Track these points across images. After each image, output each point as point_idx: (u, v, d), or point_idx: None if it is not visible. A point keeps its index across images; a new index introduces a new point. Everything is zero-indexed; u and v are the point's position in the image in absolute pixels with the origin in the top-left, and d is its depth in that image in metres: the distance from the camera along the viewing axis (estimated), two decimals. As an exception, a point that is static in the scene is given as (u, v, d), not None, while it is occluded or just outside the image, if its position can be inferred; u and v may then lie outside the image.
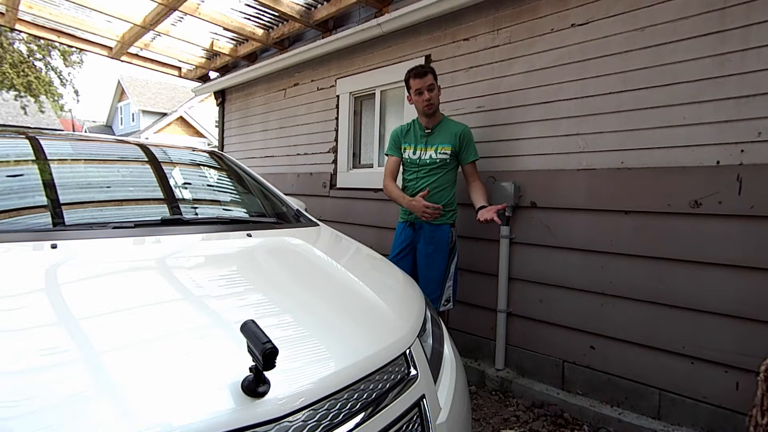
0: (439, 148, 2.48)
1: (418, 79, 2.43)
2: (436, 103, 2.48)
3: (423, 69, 2.45)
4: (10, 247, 1.21)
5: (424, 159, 2.51)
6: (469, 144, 2.49)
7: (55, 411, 0.68)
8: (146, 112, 23.13)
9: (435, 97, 2.46)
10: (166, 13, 3.83)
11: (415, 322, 1.28)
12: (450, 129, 2.50)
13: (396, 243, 2.62)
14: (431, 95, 2.44)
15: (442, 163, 2.48)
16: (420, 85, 2.43)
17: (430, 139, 2.51)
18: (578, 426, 2.24)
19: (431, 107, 2.46)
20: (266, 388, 0.78)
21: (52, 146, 1.83)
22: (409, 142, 2.57)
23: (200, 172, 2.29)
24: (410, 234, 2.55)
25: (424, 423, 1.06)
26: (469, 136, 2.50)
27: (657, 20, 2.10)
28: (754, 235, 1.86)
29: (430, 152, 2.49)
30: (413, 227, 2.54)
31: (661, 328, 2.11)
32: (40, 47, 13.09)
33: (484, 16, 2.81)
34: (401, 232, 2.61)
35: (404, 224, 2.60)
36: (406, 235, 2.57)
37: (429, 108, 2.45)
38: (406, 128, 2.62)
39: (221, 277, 1.32)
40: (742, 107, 1.88)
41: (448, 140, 2.47)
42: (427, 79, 2.43)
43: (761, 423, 1.33)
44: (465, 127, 2.51)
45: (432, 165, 2.49)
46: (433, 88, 2.44)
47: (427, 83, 2.42)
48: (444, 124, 2.53)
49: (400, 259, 2.58)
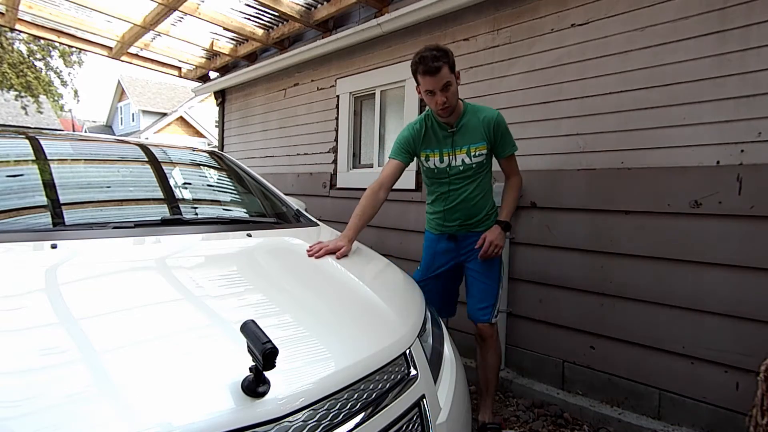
0: (473, 150, 1.94)
1: (428, 78, 1.79)
2: (453, 103, 1.87)
3: (435, 64, 1.76)
4: (10, 247, 1.21)
5: (455, 166, 1.97)
6: (505, 134, 1.98)
7: (55, 411, 0.68)
8: (146, 112, 23.13)
9: (453, 95, 1.85)
10: (166, 13, 3.83)
11: (415, 322, 1.28)
12: (479, 120, 1.95)
13: (431, 259, 2.13)
14: (447, 96, 1.82)
15: (478, 167, 1.97)
16: (432, 86, 1.81)
17: (457, 139, 1.96)
18: (578, 426, 2.24)
19: (447, 111, 1.88)
20: (266, 388, 0.78)
21: (52, 146, 1.83)
22: (431, 147, 1.99)
23: (200, 172, 2.29)
24: (452, 247, 2.07)
25: (424, 423, 1.06)
26: (503, 123, 1.97)
27: (657, 20, 2.10)
28: (754, 235, 1.86)
29: (462, 156, 1.96)
30: (455, 239, 2.06)
31: (661, 328, 2.11)
32: (40, 47, 13.09)
33: (484, 16, 2.81)
34: (436, 245, 2.12)
35: (440, 236, 2.10)
36: (446, 249, 2.08)
37: (444, 112, 1.88)
38: (421, 129, 2.00)
39: (221, 277, 1.32)
40: (742, 107, 1.88)
41: (481, 137, 1.94)
42: (442, 76, 1.78)
43: (761, 423, 1.33)
44: (496, 114, 1.96)
45: (467, 171, 1.97)
46: (449, 86, 1.82)
47: (442, 82, 1.79)
48: (470, 115, 1.96)
49: (441, 278, 2.12)
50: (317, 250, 1.60)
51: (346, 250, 1.67)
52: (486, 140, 1.95)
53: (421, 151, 2.02)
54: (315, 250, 1.60)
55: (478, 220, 2.02)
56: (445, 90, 1.82)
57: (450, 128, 1.96)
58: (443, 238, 2.09)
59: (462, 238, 2.06)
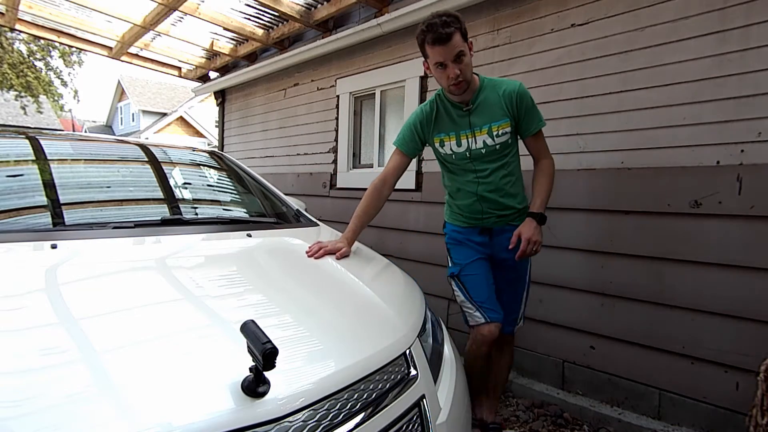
0: (495, 128, 1.69)
1: (438, 48, 1.55)
2: (468, 77, 1.62)
3: (445, 31, 1.52)
4: (10, 247, 1.21)
5: (476, 149, 1.73)
6: (530, 108, 1.72)
7: (55, 411, 0.68)
8: (146, 112, 23.13)
9: (467, 68, 1.60)
10: (166, 13, 3.83)
11: (415, 322, 1.28)
12: (498, 95, 1.70)
13: (467, 248, 1.84)
14: (460, 68, 1.58)
15: (503, 148, 1.72)
16: (443, 57, 1.56)
17: (474, 118, 1.71)
18: (578, 426, 2.24)
19: (461, 86, 1.62)
20: (266, 388, 0.78)
21: (52, 146, 1.83)
22: (445, 130, 1.76)
23: (200, 172, 2.29)
24: (486, 241, 1.82)
25: (424, 423, 1.06)
26: (527, 95, 1.72)
27: (657, 20, 2.10)
28: (754, 235, 1.86)
29: (483, 137, 1.70)
30: (489, 233, 1.81)
31: (661, 328, 2.11)
32: (40, 47, 13.09)
33: (484, 16, 2.81)
34: (468, 238, 1.84)
35: (471, 230, 1.83)
36: (480, 241, 1.82)
37: (458, 88, 1.63)
38: (432, 112, 1.77)
39: (221, 277, 1.32)
40: (742, 107, 1.88)
41: (503, 113, 1.69)
42: (454, 44, 1.54)
43: (761, 423, 1.33)
44: (518, 85, 1.72)
45: (492, 155, 1.72)
46: (462, 57, 1.57)
47: (454, 51, 1.55)
48: (488, 90, 1.71)
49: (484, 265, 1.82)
50: (316, 251, 1.56)
51: (345, 252, 1.62)
52: (509, 116, 1.69)
53: (434, 137, 1.78)
54: (314, 250, 1.57)
55: (514, 210, 1.78)
56: (458, 61, 1.57)
57: (465, 107, 1.71)
58: (475, 232, 1.83)
59: (497, 233, 1.80)
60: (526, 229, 1.69)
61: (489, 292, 1.78)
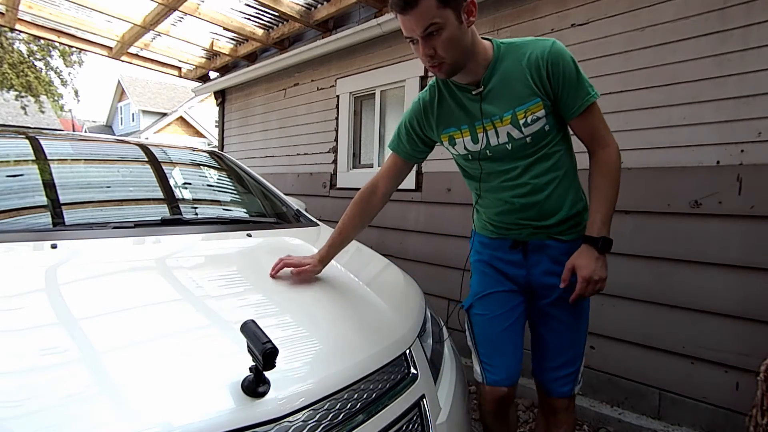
0: (520, 114, 1.19)
1: (402, 18, 1.09)
2: (453, 57, 1.13)
3: None
4: (10, 247, 1.21)
5: (499, 146, 1.24)
6: (571, 75, 1.16)
7: (55, 411, 0.68)
8: (146, 112, 23.14)
9: (449, 45, 1.10)
10: (166, 13, 3.83)
11: (415, 322, 1.28)
12: (521, 63, 1.18)
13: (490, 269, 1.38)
14: (435, 45, 1.10)
15: (538, 139, 1.22)
16: (408, 30, 1.11)
17: (488, 105, 1.22)
18: (578, 426, 2.24)
19: (440, 70, 1.15)
20: (266, 388, 0.78)
21: (52, 146, 1.83)
22: (455, 123, 1.28)
23: (200, 172, 2.29)
24: (519, 260, 1.32)
25: (424, 423, 1.06)
26: (562, 56, 1.16)
27: (657, 20, 2.10)
28: (754, 235, 1.85)
29: (506, 128, 1.21)
30: (524, 248, 1.31)
31: (661, 328, 2.11)
32: (40, 47, 13.09)
33: (484, 16, 2.81)
34: (496, 255, 1.37)
35: (501, 242, 1.35)
36: (511, 260, 1.33)
37: (438, 71, 1.16)
38: (432, 101, 1.31)
39: (221, 277, 1.32)
40: (742, 107, 1.88)
41: (529, 91, 1.18)
42: (422, 12, 1.06)
43: (761, 423, 1.33)
44: (550, 45, 1.17)
45: (522, 150, 1.23)
46: (440, 30, 1.08)
47: (424, 23, 1.07)
48: (506, 59, 1.20)
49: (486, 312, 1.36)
50: (277, 265, 1.29)
51: (309, 271, 1.31)
52: (540, 94, 1.17)
53: (441, 133, 1.31)
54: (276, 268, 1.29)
55: (560, 219, 1.27)
56: (431, 36, 1.08)
57: (476, 89, 1.22)
58: (505, 246, 1.34)
59: (535, 249, 1.30)
60: (583, 261, 1.18)
61: (499, 342, 1.34)
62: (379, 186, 1.42)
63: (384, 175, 1.42)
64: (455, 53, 1.13)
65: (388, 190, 1.42)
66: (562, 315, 1.30)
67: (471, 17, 1.13)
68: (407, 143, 1.38)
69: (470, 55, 1.16)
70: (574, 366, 1.34)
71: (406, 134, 1.38)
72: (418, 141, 1.37)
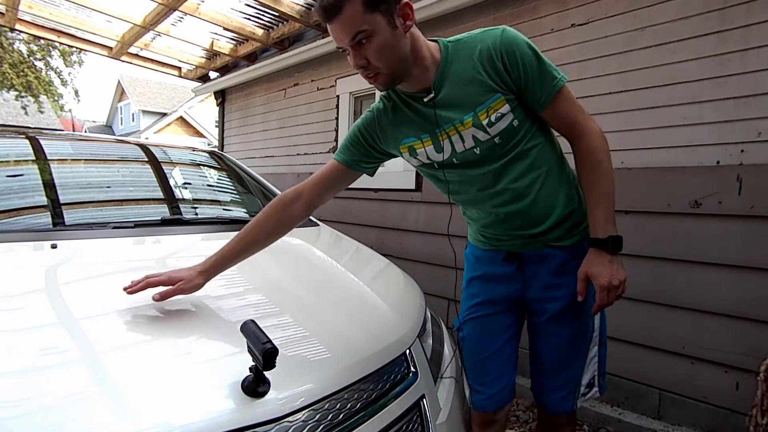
0: (482, 115, 1.06)
1: (329, 27, 0.99)
2: (390, 67, 1.01)
3: (333, 3, 0.94)
4: (10, 247, 1.21)
5: (465, 152, 1.11)
6: (530, 62, 1.04)
7: (55, 411, 0.68)
8: (146, 112, 23.14)
9: (381, 54, 0.99)
10: (166, 13, 3.83)
11: (415, 322, 1.28)
12: (473, 59, 1.06)
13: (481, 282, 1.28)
14: (366, 55, 0.99)
15: (509, 136, 1.09)
16: (336, 39, 1.01)
17: (444, 110, 1.09)
18: (578, 426, 2.24)
19: (377, 81, 1.04)
20: (266, 388, 0.78)
21: (52, 146, 1.83)
22: (411, 134, 1.15)
23: (200, 172, 2.29)
24: (512, 274, 1.21)
25: (424, 423, 1.06)
26: (516, 43, 1.04)
27: (657, 20, 2.10)
28: (754, 235, 1.85)
29: (470, 132, 1.08)
30: (518, 260, 1.20)
31: (661, 328, 2.11)
32: (40, 47, 13.10)
33: (484, 16, 2.81)
34: (487, 264, 1.26)
35: (494, 254, 1.24)
36: (505, 273, 1.22)
37: (374, 82, 1.04)
38: (384, 110, 1.18)
39: (221, 276, 1.31)
40: (742, 107, 1.88)
41: (484, 86, 1.05)
42: (347, 19, 0.95)
43: (761, 423, 1.33)
44: (499, 32, 1.05)
45: (490, 155, 1.10)
46: (369, 38, 0.96)
47: (351, 30, 0.96)
48: (455, 59, 1.08)
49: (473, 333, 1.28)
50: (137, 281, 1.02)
51: (185, 290, 1.04)
52: (500, 88, 1.05)
53: (400, 144, 1.17)
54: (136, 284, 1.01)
55: (554, 222, 1.14)
56: (361, 45, 0.97)
57: (427, 96, 1.09)
58: (498, 258, 1.23)
59: (531, 260, 1.19)
60: (597, 269, 1.05)
61: (487, 366, 1.27)
62: (304, 194, 1.20)
63: (314, 183, 1.21)
64: (391, 62, 1.01)
65: (314, 201, 1.21)
66: (563, 331, 1.17)
67: (408, 21, 1.01)
68: (358, 153, 1.22)
69: (411, 61, 1.04)
70: (573, 384, 1.22)
71: (356, 144, 1.22)
72: (372, 151, 1.22)
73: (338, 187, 1.26)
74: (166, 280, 1.03)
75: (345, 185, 1.27)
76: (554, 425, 1.29)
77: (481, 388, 1.27)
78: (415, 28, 1.04)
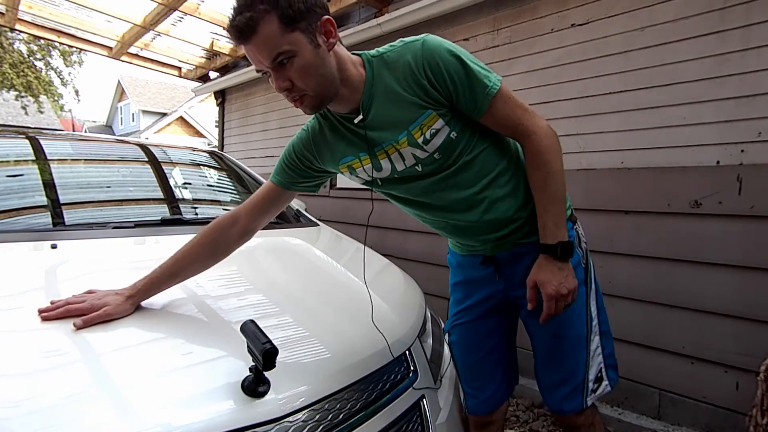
0: (416, 132, 1.01)
1: (245, 47, 0.93)
2: (313, 87, 0.96)
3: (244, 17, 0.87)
4: (10, 247, 1.21)
5: (406, 170, 1.07)
6: (457, 72, 0.97)
7: (55, 411, 0.68)
8: (146, 112, 23.14)
9: (305, 74, 0.93)
10: (166, 13, 3.83)
11: (415, 322, 1.28)
12: (397, 75, 1.00)
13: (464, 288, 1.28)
14: (290, 76, 0.94)
15: (447, 151, 1.03)
16: (254, 61, 0.96)
17: (375, 132, 1.04)
18: (578, 426, 2.24)
19: (302, 104, 0.99)
20: (266, 388, 0.78)
21: (52, 146, 1.83)
22: (349, 153, 1.10)
23: (200, 172, 2.30)
24: (491, 276, 1.20)
25: (424, 423, 1.06)
26: (438, 54, 0.97)
27: (657, 20, 2.10)
28: (754, 235, 1.85)
29: (408, 150, 1.03)
30: (495, 263, 1.18)
31: (661, 328, 2.11)
32: (40, 47, 13.10)
33: (484, 16, 2.81)
34: (468, 269, 1.26)
35: (471, 258, 1.23)
36: (485, 276, 1.21)
37: (299, 104, 1.00)
38: (321, 129, 1.12)
39: (221, 277, 1.32)
40: (742, 107, 1.88)
41: (414, 104, 0.99)
42: (263, 39, 0.89)
43: (761, 423, 1.33)
44: (419, 44, 0.98)
45: (434, 171, 1.06)
46: (290, 59, 0.91)
47: (270, 52, 0.90)
48: (381, 77, 1.01)
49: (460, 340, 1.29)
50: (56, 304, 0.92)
51: (109, 315, 0.91)
52: (430, 104, 0.99)
53: (339, 163, 1.12)
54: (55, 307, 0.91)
55: (522, 221, 1.11)
56: (282, 67, 0.92)
57: (357, 117, 1.03)
58: (476, 262, 1.21)
59: (507, 261, 1.16)
60: (545, 276, 1.03)
61: (478, 370, 1.26)
62: (242, 218, 1.13)
63: (251, 206, 1.15)
64: (316, 83, 0.95)
65: (251, 225, 1.15)
66: (547, 325, 1.11)
67: (331, 38, 0.95)
68: (293, 173, 1.16)
69: (338, 81, 0.98)
70: (576, 380, 1.15)
71: (291, 165, 1.16)
72: (308, 171, 1.16)
73: (277, 209, 1.21)
74: (88, 308, 0.91)
75: (285, 205, 1.25)
76: (568, 426, 1.22)
77: (473, 392, 1.27)
78: (339, 46, 0.99)
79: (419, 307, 1.42)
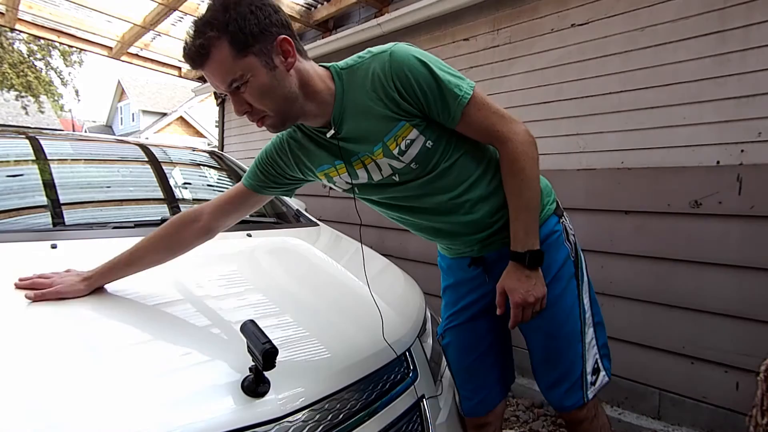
0: (390, 144, 1.00)
1: (202, 71, 0.94)
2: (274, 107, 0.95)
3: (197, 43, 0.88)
4: (9, 247, 1.21)
5: (383, 179, 1.06)
6: (426, 83, 0.95)
7: (55, 411, 0.68)
8: (146, 112, 23.13)
9: (260, 95, 0.93)
10: (166, 13, 3.83)
11: (415, 322, 1.28)
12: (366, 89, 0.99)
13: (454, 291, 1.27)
14: (250, 99, 0.94)
15: (423, 160, 1.02)
16: (213, 84, 0.96)
17: (349, 145, 1.03)
18: (578, 426, 2.24)
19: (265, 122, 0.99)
20: (266, 388, 0.78)
21: (52, 146, 1.83)
22: (325, 162, 1.09)
23: (200, 172, 2.30)
24: (479, 278, 1.19)
25: (424, 423, 1.06)
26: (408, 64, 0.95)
27: (657, 20, 2.10)
28: (754, 235, 1.85)
29: (384, 161, 1.03)
30: (484, 264, 1.16)
31: (661, 328, 2.11)
32: (40, 47, 13.10)
33: (484, 16, 2.81)
34: (456, 271, 1.25)
35: (460, 260, 1.21)
36: (474, 277, 1.20)
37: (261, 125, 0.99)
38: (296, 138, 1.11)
39: (221, 277, 1.32)
40: (742, 107, 1.88)
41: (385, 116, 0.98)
42: (217, 64, 0.89)
43: (761, 423, 1.33)
44: (387, 55, 0.97)
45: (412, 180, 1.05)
46: (245, 84, 0.91)
47: (223, 78, 0.91)
48: (351, 90, 1.02)
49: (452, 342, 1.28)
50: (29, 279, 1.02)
51: (64, 291, 0.98)
52: (402, 115, 0.98)
53: (317, 171, 1.11)
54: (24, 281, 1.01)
55: (502, 221, 1.10)
56: (239, 91, 0.92)
57: (329, 131, 1.03)
58: (464, 264, 1.20)
59: (495, 261, 1.14)
60: (513, 283, 1.03)
61: (471, 372, 1.26)
62: (203, 217, 1.12)
63: (216, 205, 1.13)
64: (275, 104, 0.94)
65: (213, 225, 1.13)
66: (540, 323, 1.11)
67: (289, 58, 0.94)
68: (265, 178, 1.15)
69: (302, 98, 0.97)
70: (574, 375, 1.15)
71: (264, 170, 1.14)
72: (280, 177, 1.15)
73: (244, 211, 1.20)
74: (47, 284, 0.98)
75: (252, 209, 1.23)
76: (572, 421, 1.23)
77: (468, 394, 1.27)
78: (304, 61, 0.99)
79: (419, 307, 1.42)
